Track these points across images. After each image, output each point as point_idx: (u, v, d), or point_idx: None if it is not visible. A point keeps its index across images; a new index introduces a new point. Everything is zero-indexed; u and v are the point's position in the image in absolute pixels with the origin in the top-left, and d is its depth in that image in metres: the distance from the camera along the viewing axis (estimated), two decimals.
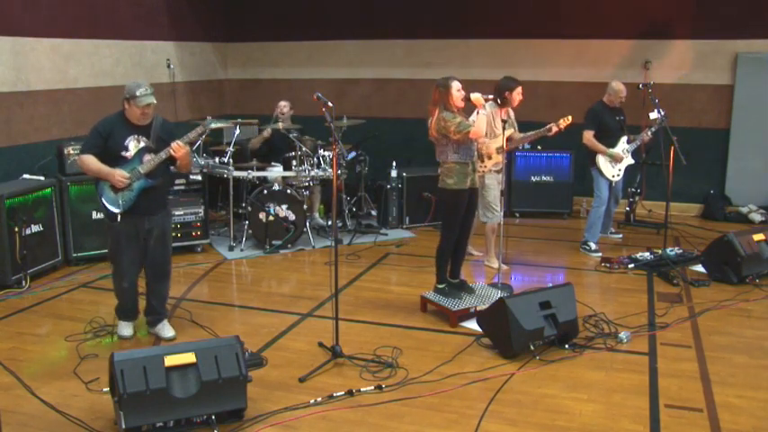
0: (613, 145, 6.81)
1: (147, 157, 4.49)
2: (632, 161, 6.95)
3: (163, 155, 4.47)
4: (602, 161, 6.83)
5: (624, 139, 6.86)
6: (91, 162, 4.45)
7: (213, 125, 4.69)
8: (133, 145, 4.48)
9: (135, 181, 4.47)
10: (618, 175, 6.89)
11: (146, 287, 4.83)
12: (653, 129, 6.82)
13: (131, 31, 7.95)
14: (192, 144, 4.70)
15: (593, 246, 6.91)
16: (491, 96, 4.94)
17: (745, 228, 6.83)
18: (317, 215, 8.07)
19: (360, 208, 8.12)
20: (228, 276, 6.37)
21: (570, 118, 6.11)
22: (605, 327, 4.91)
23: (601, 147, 6.79)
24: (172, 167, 4.72)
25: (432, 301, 5.22)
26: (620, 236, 7.43)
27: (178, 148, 4.45)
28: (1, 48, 6.31)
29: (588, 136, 6.81)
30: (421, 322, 5.14)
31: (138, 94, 4.38)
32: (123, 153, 4.47)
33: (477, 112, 4.91)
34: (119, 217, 4.49)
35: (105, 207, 4.50)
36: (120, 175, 4.42)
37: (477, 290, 5.36)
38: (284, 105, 7.79)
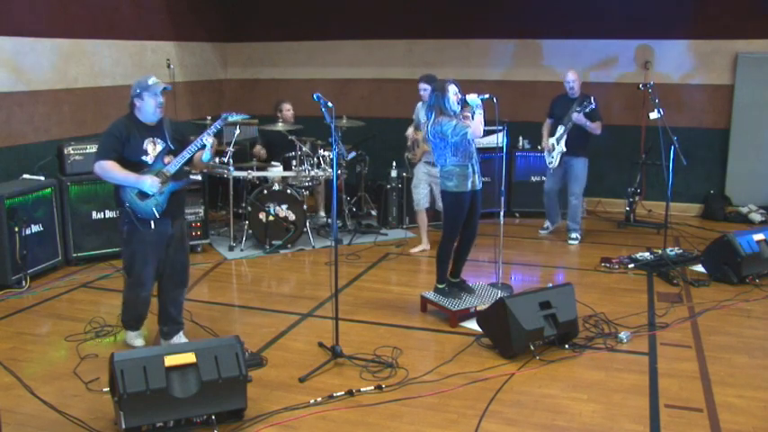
0: (554, 133, 7.15)
1: (168, 159, 4.29)
2: (563, 149, 7.03)
3: (186, 154, 4.27)
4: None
5: (562, 127, 7.04)
6: (115, 168, 4.16)
7: (232, 118, 4.58)
8: (151, 148, 4.26)
9: (165, 185, 4.25)
10: (552, 162, 7.18)
11: (161, 296, 4.57)
12: (577, 109, 6.87)
13: (131, 31, 7.96)
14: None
15: (543, 224, 7.61)
16: (487, 95, 4.94)
17: (745, 228, 6.84)
18: (322, 212, 8.11)
19: (360, 208, 8.12)
20: (228, 276, 6.37)
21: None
22: (605, 327, 4.91)
23: (543, 134, 7.35)
24: (186, 167, 4.46)
25: (432, 301, 5.22)
26: (577, 241, 7.25)
27: (213, 140, 4.30)
28: (1, 48, 6.31)
29: (545, 124, 7.37)
30: (421, 322, 5.14)
31: (150, 83, 4.20)
32: (143, 158, 4.24)
33: (474, 112, 4.91)
34: (153, 224, 4.26)
35: (136, 216, 4.24)
36: (152, 180, 4.18)
37: (477, 290, 5.37)
38: (287, 108, 7.80)
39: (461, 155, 4.93)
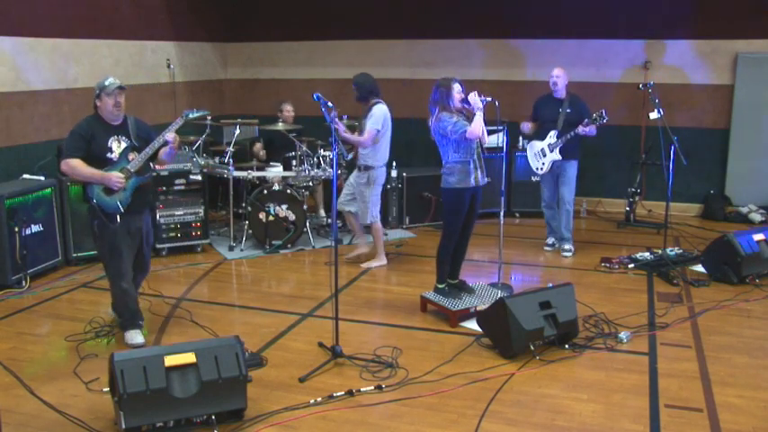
0: (542, 137, 6.72)
1: (133, 156, 4.53)
2: (558, 157, 6.56)
3: (149, 150, 4.51)
4: (527, 151, 6.95)
5: (554, 132, 6.62)
6: (81, 166, 4.42)
7: (192, 116, 4.80)
8: (116, 146, 4.52)
9: (128, 180, 4.50)
10: (541, 169, 6.77)
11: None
12: (586, 122, 6.36)
13: (131, 31, 7.96)
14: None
15: (547, 241, 7.10)
16: (489, 98, 4.94)
17: (745, 228, 6.83)
18: (322, 212, 8.10)
19: None
20: (228, 276, 6.37)
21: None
22: (605, 327, 4.91)
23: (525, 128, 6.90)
24: (150, 163, 4.72)
25: (432, 301, 5.22)
26: (571, 252, 6.82)
27: (174, 136, 4.55)
28: (1, 48, 6.31)
29: (524, 124, 6.94)
30: (421, 322, 5.14)
31: (107, 83, 4.47)
32: (108, 155, 4.49)
33: (475, 113, 4.92)
34: (118, 218, 4.49)
35: (103, 211, 4.48)
36: (116, 176, 4.44)
37: (477, 290, 5.37)
38: (288, 109, 7.81)
39: (463, 151, 4.98)
